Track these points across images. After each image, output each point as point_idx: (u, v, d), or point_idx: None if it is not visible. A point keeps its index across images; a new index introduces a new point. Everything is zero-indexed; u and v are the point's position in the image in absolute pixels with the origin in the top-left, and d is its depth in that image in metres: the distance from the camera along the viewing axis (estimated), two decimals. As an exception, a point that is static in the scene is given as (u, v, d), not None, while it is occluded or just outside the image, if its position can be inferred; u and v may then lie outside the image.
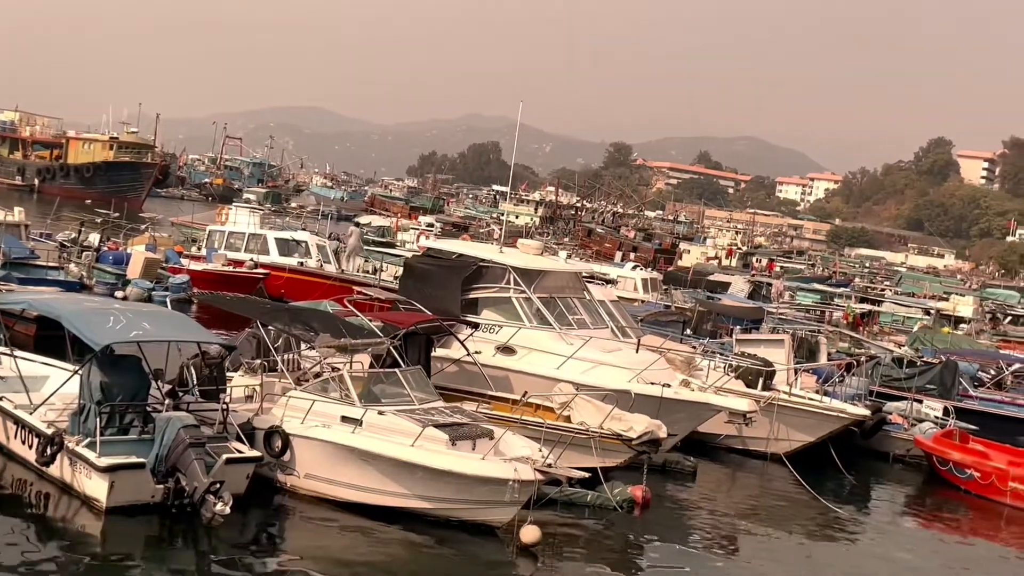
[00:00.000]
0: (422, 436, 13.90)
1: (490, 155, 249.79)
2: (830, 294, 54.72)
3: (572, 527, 15.10)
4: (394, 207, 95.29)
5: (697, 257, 75.75)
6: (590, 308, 20.63)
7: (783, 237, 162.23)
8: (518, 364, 18.89)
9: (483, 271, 20.31)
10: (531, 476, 13.55)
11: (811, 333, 28.33)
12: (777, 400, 20.72)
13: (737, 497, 19.15)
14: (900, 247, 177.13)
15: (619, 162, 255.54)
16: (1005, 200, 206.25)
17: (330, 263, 35.70)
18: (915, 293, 66.58)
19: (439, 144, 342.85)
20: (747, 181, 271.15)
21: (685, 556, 14.92)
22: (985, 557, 17.54)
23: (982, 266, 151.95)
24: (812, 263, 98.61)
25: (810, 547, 16.53)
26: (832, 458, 20.42)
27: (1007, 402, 27.82)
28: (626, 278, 42.96)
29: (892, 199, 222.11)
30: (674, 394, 18.23)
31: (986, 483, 20.36)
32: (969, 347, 36.81)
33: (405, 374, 15.42)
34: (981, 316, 54.50)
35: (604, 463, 15.80)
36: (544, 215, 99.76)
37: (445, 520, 14.13)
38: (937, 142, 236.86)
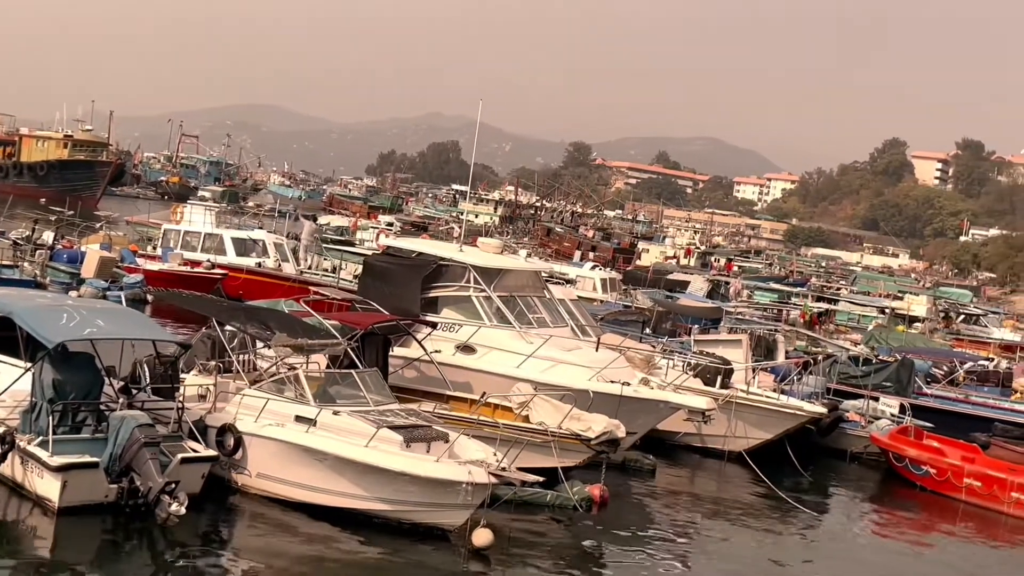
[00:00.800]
0: (376, 437, 13.83)
1: (450, 154, 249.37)
2: (787, 293, 55.19)
3: (529, 527, 15.08)
4: (353, 206, 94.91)
5: (656, 256, 76.15)
6: (550, 307, 20.62)
7: (741, 237, 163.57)
8: (478, 363, 18.84)
9: (443, 270, 20.22)
10: (485, 479, 13.53)
11: (769, 332, 28.55)
12: (735, 398, 20.84)
13: (696, 495, 19.23)
14: (856, 247, 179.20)
15: (578, 162, 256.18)
16: (958, 200, 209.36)
17: (288, 263, 35.44)
18: (870, 292, 67.33)
19: (398, 143, 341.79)
20: (705, 181, 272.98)
21: (642, 555, 14.93)
22: (943, 553, 17.73)
23: (936, 265, 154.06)
24: (770, 263, 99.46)
25: (768, 545, 16.61)
26: (790, 456, 20.56)
27: (961, 399, 28.20)
28: (585, 277, 43.06)
29: (848, 199, 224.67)
30: (633, 392, 18.26)
31: (942, 479, 20.58)
32: (923, 345, 37.31)
33: (361, 375, 15.34)
34: (935, 315, 55.23)
35: (563, 463, 15.77)
36: (504, 214, 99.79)
37: (397, 522, 14.06)
38: (892, 143, 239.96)
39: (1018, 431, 23.52)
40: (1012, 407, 28.25)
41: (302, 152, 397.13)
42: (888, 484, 21.50)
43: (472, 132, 27.12)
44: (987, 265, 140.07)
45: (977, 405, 27.63)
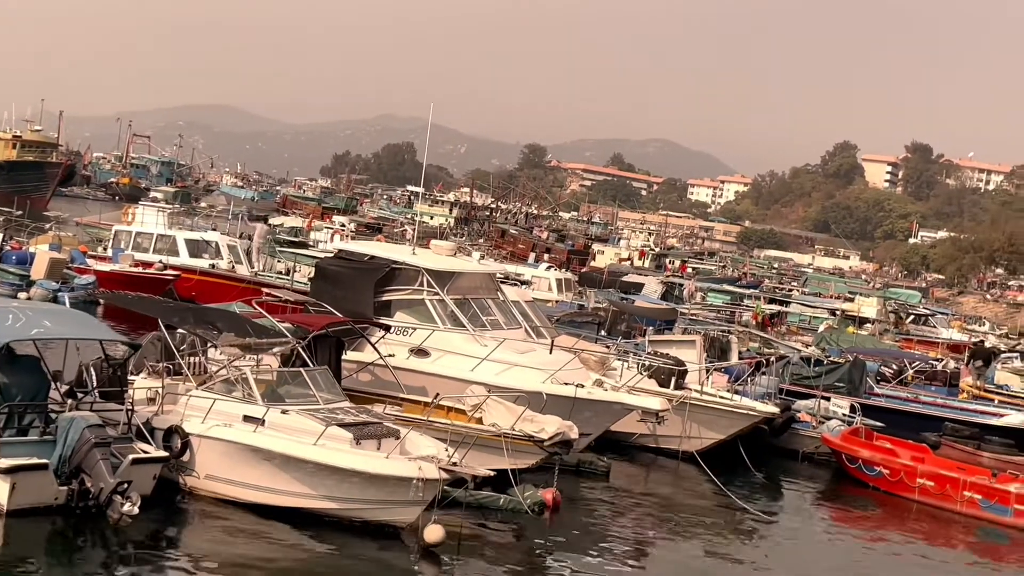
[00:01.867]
0: (325, 435, 13.77)
1: (405, 155, 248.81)
2: (740, 295, 55.65)
3: (480, 529, 15.07)
4: (307, 207, 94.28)
5: (611, 258, 76.43)
6: (504, 309, 20.62)
7: (695, 239, 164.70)
8: (432, 366, 18.79)
9: (396, 273, 20.15)
10: (435, 475, 13.50)
11: (722, 333, 28.77)
12: (689, 399, 20.96)
13: (649, 496, 19.28)
14: (807, 248, 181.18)
15: (534, 163, 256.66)
16: (907, 203, 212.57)
17: (242, 264, 35.13)
18: (821, 294, 68.10)
19: (353, 144, 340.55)
20: (659, 183, 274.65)
21: (594, 557, 14.96)
22: (897, 553, 17.86)
23: (885, 267, 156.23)
24: (724, 264, 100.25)
25: (722, 545, 16.70)
26: (743, 456, 20.70)
27: (910, 399, 28.61)
28: (540, 278, 43.16)
29: (799, 201, 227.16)
30: (587, 394, 18.31)
31: (895, 480, 20.76)
32: (873, 346, 37.82)
33: (311, 374, 15.26)
34: (884, 316, 55.98)
35: (516, 464, 15.80)
36: (459, 216, 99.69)
37: (348, 521, 13.99)
38: (842, 146, 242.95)
39: (968, 430, 23.91)
40: (960, 406, 28.74)
41: (255, 153, 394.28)
42: (840, 484, 21.69)
43: (427, 133, 27.10)
44: (936, 267, 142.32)
45: (926, 404, 28.05)
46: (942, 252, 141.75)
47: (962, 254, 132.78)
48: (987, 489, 19.66)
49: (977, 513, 19.63)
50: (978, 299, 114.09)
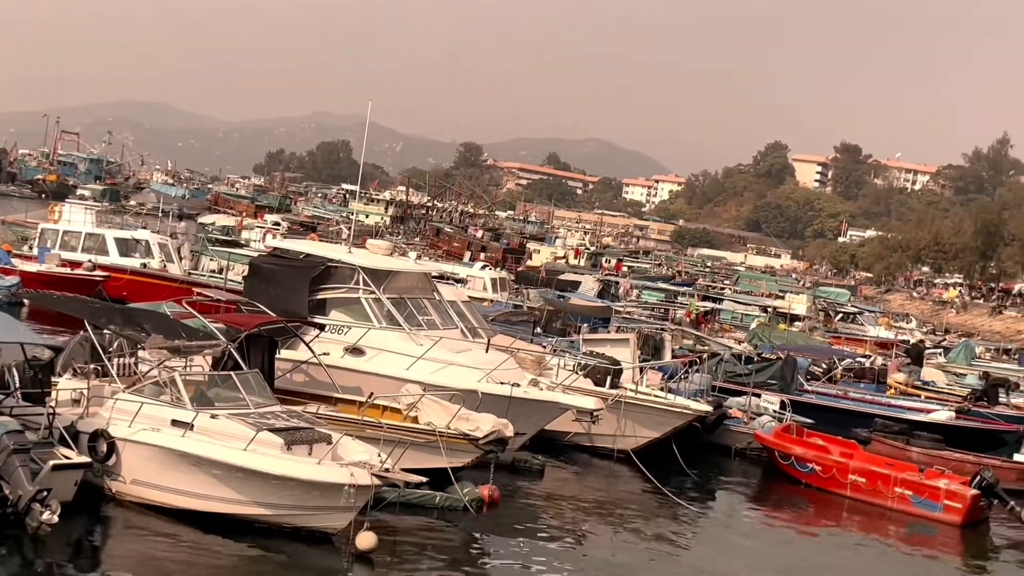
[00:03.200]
0: (256, 440, 13.59)
1: (340, 154, 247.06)
2: (674, 293, 56.18)
3: (417, 529, 15.01)
4: (239, 205, 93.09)
5: (547, 257, 76.71)
6: (440, 308, 20.58)
7: (630, 237, 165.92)
8: (367, 365, 18.70)
9: (331, 271, 20.01)
10: (368, 481, 13.40)
11: (656, 331, 29.01)
12: (624, 397, 21.07)
13: (584, 494, 19.35)
14: (740, 247, 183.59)
15: (470, 162, 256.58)
16: (837, 202, 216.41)
17: (174, 263, 34.59)
18: (752, 292, 69.01)
19: (287, 142, 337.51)
20: (595, 182, 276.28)
21: (530, 554, 14.97)
22: (831, 547, 18.08)
23: (816, 265, 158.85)
24: (659, 263, 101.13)
25: (656, 542, 16.79)
26: (676, 454, 20.85)
27: (840, 396, 29.11)
28: (476, 277, 43.14)
29: (732, 201, 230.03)
30: (523, 393, 18.34)
31: (827, 476, 20.99)
32: (804, 343, 38.43)
33: (242, 377, 15.04)
34: (814, 313, 56.94)
35: (451, 463, 15.76)
36: (395, 214, 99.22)
37: (279, 527, 13.84)
38: (774, 146, 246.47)
39: (897, 426, 24.39)
40: (888, 402, 29.33)
41: (187, 150, 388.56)
42: (772, 481, 21.89)
43: (363, 131, 26.82)
44: (864, 265, 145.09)
45: (856, 401, 28.55)
46: (870, 251, 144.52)
47: (889, 253, 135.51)
48: (917, 485, 19.96)
49: (908, 508, 19.91)
50: (905, 297, 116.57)
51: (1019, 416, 28.70)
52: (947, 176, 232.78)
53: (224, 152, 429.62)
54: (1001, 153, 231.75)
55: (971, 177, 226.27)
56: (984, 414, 28.02)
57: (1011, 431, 26.01)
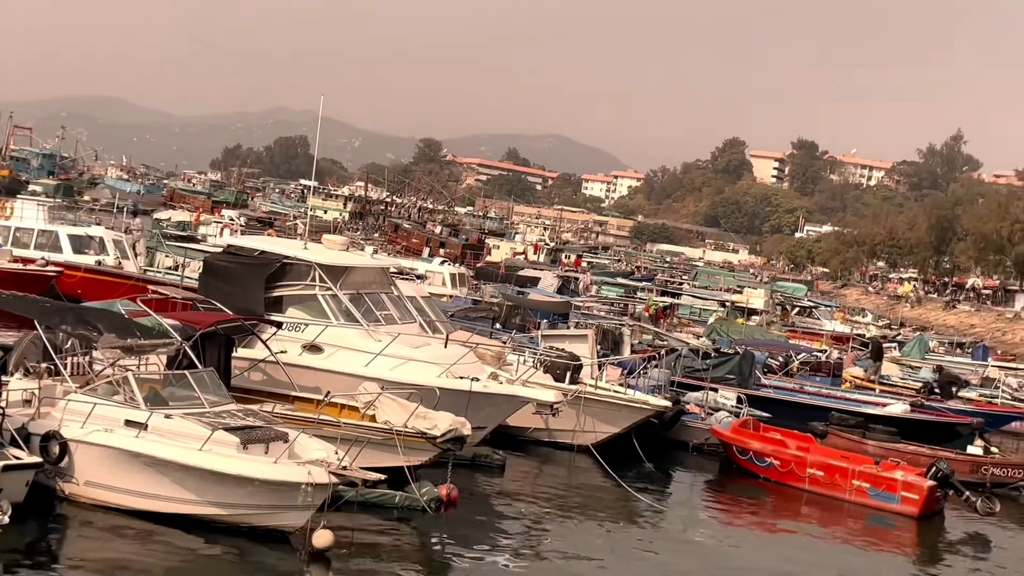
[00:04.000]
0: (211, 440, 13.47)
1: (298, 149, 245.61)
2: (633, 288, 56.39)
3: (375, 529, 14.93)
4: (196, 201, 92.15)
5: (506, 253, 76.69)
6: (398, 304, 20.47)
7: (589, 233, 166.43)
8: (325, 362, 18.55)
9: (287, 268, 19.82)
10: (325, 479, 13.32)
11: (615, 327, 29.08)
12: (584, 393, 21.09)
13: (544, 490, 19.36)
14: (698, 243, 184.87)
15: (429, 158, 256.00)
16: (794, 198, 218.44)
17: (129, 260, 34.10)
18: (710, 287, 69.45)
19: (244, 137, 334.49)
20: (554, 178, 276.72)
21: (491, 552, 14.96)
22: (791, 541, 18.20)
23: (773, 260, 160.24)
24: (618, 259, 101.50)
25: (617, 537, 16.84)
26: (636, 448, 20.92)
27: (796, 389, 29.36)
28: (434, 273, 43.01)
29: (691, 196, 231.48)
30: (482, 388, 18.30)
31: (785, 470, 21.12)
32: (761, 337, 38.72)
33: (196, 376, 14.87)
34: (771, 308, 57.39)
35: (409, 462, 15.68)
36: (354, 210, 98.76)
37: (235, 527, 13.70)
38: (731, 142, 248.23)
39: (853, 419, 24.63)
40: (844, 396, 29.62)
41: (143, 145, 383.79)
42: (731, 475, 21.98)
43: (318, 126, 26.65)
44: (821, 260, 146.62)
45: (812, 395, 28.81)
46: (826, 246, 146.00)
47: (845, 248, 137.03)
48: (875, 478, 20.13)
49: (866, 501, 20.08)
50: (861, 291, 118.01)
51: (972, 410, 29.13)
52: (902, 172, 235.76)
53: (180, 147, 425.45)
54: (955, 149, 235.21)
55: (925, 173, 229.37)
56: (938, 407, 28.41)
57: (964, 424, 26.39)
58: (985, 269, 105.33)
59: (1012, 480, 22.52)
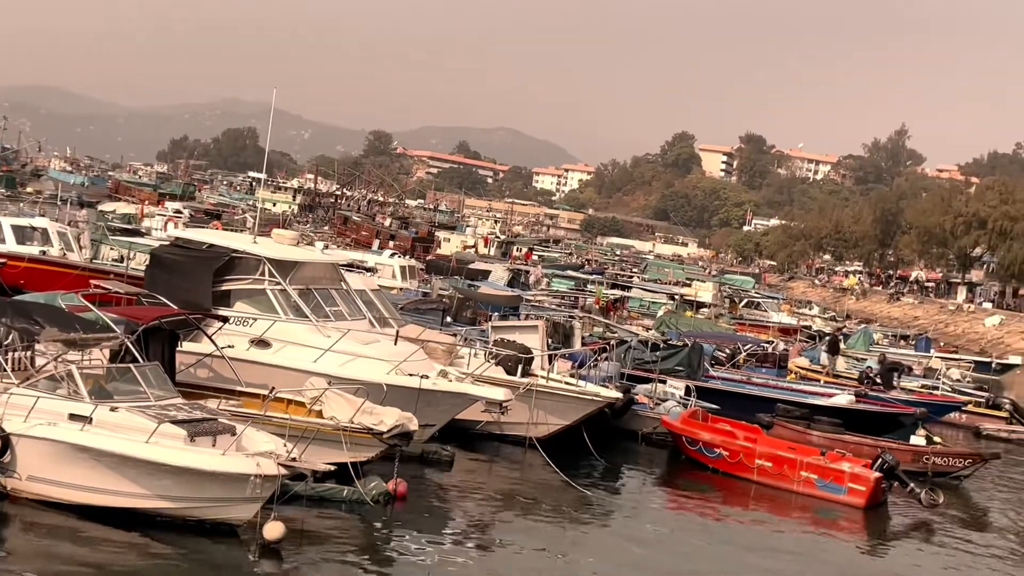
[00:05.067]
0: (157, 432, 13.33)
1: (247, 141, 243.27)
2: (583, 281, 56.62)
3: (324, 523, 14.85)
4: (142, 193, 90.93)
5: (456, 246, 76.61)
6: (348, 300, 20.36)
7: (540, 226, 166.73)
8: (273, 358, 18.40)
9: (236, 262, 19.63)
10: (274, 471, 13.25)
11: (566, 319, 29.19)
12: (535, 386, 21.12)
13: (493, 484, 19.36)
14: (648, 236, 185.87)
15: (379, 151, 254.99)
16: (742, 192, 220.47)
17: (73, 252, 33.59)
18: (660, 280, 69.94)
19: (192, 129, 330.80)
20: (505, 171, 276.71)
21: (438, 546, 14.94)
22: (740, 532, 18.31)
23: (722, 254, 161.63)
24: (569, 252, 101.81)
25: (565, 530, 16.85)
26: (586, 441, 20.98)
27: (743, 381, 29.68)
28: (384, 265, 42.88)
29: (640, 190, 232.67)
30: (431, 385, 18.22)
31: (734, 461, 21.26)
32: (710, 330, 39.10)
33: (141, 370, 14.71)
34: (720, 301, 57.96)
35: (355, 458, 15.63)
36: (303, 203, 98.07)
37: (183, 520, 13.59)
38: (680, 136, 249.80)
39: (799, 411, 24.94)
40: (790, 387, 30.02)
41: (87, 136, 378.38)
42: (680, 466, 22.08)
43: (270, 119, 26.37)
44: (768, 253, 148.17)
45: (759, 386, 29.13)
46: (774, 239, 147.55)
47: (792, 241, 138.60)
48: (822, 469, 20.34)
49: (813, 492, 20.26)
50: (807, 284, 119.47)
51: (915, 400, 29.66)
52: (847, 166, 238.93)
53: (126, 138, 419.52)
54: (899, 144, 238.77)
55: (870, 167, 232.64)
56: (882, 398, 28.88)
57: (907, 414, 26.85)
58: (928, 262, 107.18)
59: (953, 469, 22.94)
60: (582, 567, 15.01)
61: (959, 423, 31.14)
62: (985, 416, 31.46)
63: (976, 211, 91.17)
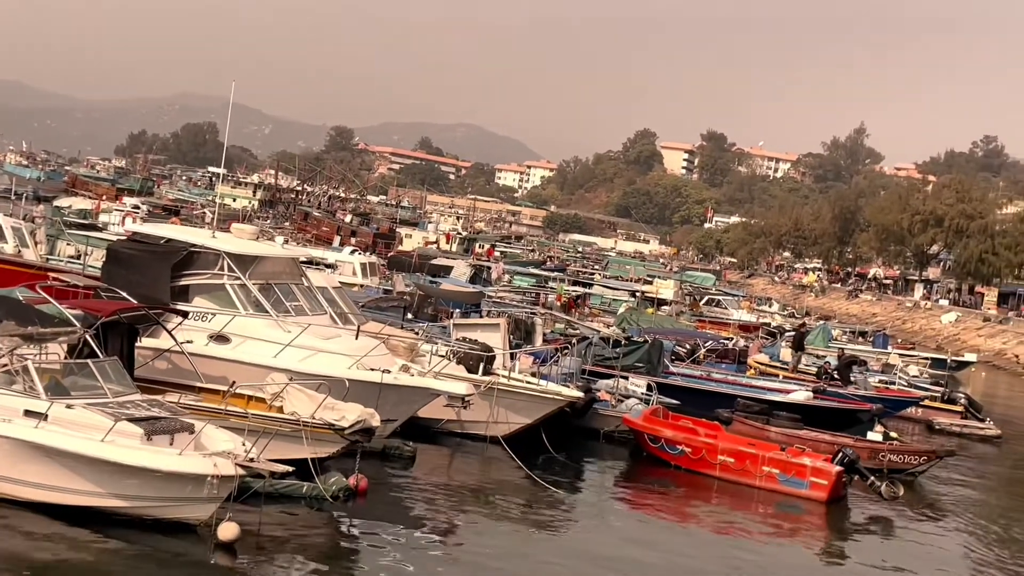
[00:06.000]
0: (114, 430, 13.17)
1: (206, 136, 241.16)
2: (545, 278, 56.69)
3: (282, 520, 14.74)
4: (99, 188, 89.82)
5: (418, 242, 76.42)
6: (308, 294, 20.22)
7: (502, 222, 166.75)
8: (232, 353, 18.23)
9: (195, 257, 19.42)
10: (231, 471, 13.14)
11: (527, 316, 29.20)
12: (497, 384, 21.11)
13: (454, 480, 19.34)
14: (610, 233, 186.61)
15: (341, 146, 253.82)
16: (703, 189, 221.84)
17: (28, 248, 33.10)
18: (621, 277, 70.21)
19: (151, 123, 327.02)
20: (467, 167, 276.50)
21: (397, 543, 14.85)
22: (705, 528, 18.41)
23: (683, 251, 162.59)
24: (531, 248, 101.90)
25: (527, 527, 16.85)
26: (544, 439, 20.98)
27: (703, 377, 29.87)
28: (345, 262, 42.65)
29: (602, 187, 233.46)
30: (392, 380, 18.16)
31: (696, 457, 21.33)
32: (671, 326, 39.32)
33: (99, 365, 14.52)
34: (681, 298, 58.31)
35: (316, 453, 15.54)
36: (263, 198, 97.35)
37: (139, 519, 13.45)
38: (642, 134, 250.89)
39: (758, 407, 25.13)
40: (749, 383, 30.26)
41: (43, 131, 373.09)
42: (642, 463, 22.09)
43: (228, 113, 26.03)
44: (729, 250, 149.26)
45: (719, 382, 29.34)
46: (734, 237, 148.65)
47: (752, 239, 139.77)
48: (784, 464, 20.49)
49: (775, 487, 20.40)
50: (767, 281, 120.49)
51: (872, 395, 29.99)
52: (807, 164, 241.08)
53: (83, 133, 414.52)
54: (858, 142, 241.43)
55: (830, 165, 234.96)
56: (841, 394, 29.18)
57: (864, 410, 27.14)
58: (886, 259, 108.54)
59: (908, 466, 23.22)
60: (545, 563, 14.99)
61: (915, 417, 31.57)
62: (941, 411, 31.91)
63: (933, 209, 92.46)
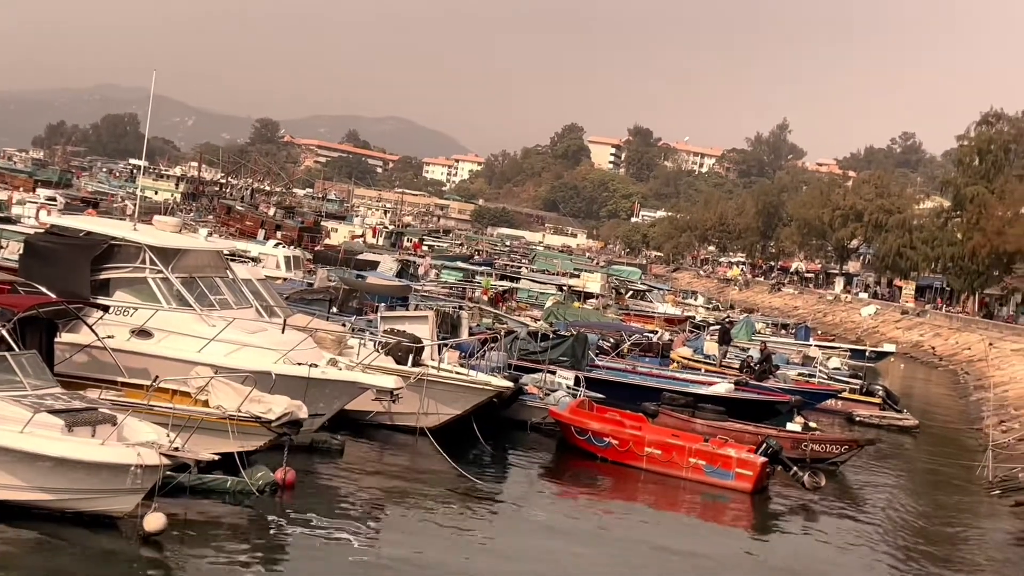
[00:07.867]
0: (33, 422, 12.93)
1: (127, 127, 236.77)
2: (473, 272, 56.71)
3: (209, 513, 14.62)
4: (16, 180, 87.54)
5: (344, 236, 75.87)
6: (233, 288, 20.00)
7: (430, 216, 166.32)
8: (155, 348, 18.00)
9: (115, 250, 19.11)
10: (156, 460, 12.98)
11: (454, 309, 29.23)
12: (426, 375, 21.10)
13: (382, 473, 19.28)
14: (538, 227, 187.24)
15: (266, 139, 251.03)
16: (630, 184, 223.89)
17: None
18: (549, 271, 70.53)
19: (70, 114, 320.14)
20: (395, 161, 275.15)
21: (326, 536, 14.79)
22: (633, 519, 18.56)
23: (610, 245, 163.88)
24: (460, 242, 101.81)
25: (455, 518, 16.89)
26: (475, 429, 21.06)
27: (628, 370, 30.19)
28: (268, 256, 42.20)
29: (531, 181, 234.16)
30: (320, 374, 18.08)
31: (624, 450, 21.49)
32: (597, 320, 39.62)
33: (16, 359, 14.23)
34: (607, 291, 58.76)
35: (243, 447, 15.40)
36: (187, 191, 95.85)
37: (61, 512, 13.21)
38: (570, 128, 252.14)
39: (683, 399, 25.49)
40: (673, 376, 30.69)
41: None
42: (568, 455, 22.22)
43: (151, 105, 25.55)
44: (655, 244, 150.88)
45: (643, 375, 29.69)
46: (660, 231, 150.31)
47: (678, 233, 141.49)
48: (710, 455, 20.77)
49: (702, 478, 20.66)
50: (692, 275, 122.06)
51: (792, 388, 30.61)
52: (731, 159, 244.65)
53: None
54: (781, 138, 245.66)
55: (753, 160, 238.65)
56: (761, 386, 29.75)
57: (783, 402, 27.71)
58: (808, 253, 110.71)
59: (830, 455, 23.74)
60: (471, 555, 15.06)
61: (834, 409, 32.23)
62: (859, 403, 32.65)
63: (853, 204, 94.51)
